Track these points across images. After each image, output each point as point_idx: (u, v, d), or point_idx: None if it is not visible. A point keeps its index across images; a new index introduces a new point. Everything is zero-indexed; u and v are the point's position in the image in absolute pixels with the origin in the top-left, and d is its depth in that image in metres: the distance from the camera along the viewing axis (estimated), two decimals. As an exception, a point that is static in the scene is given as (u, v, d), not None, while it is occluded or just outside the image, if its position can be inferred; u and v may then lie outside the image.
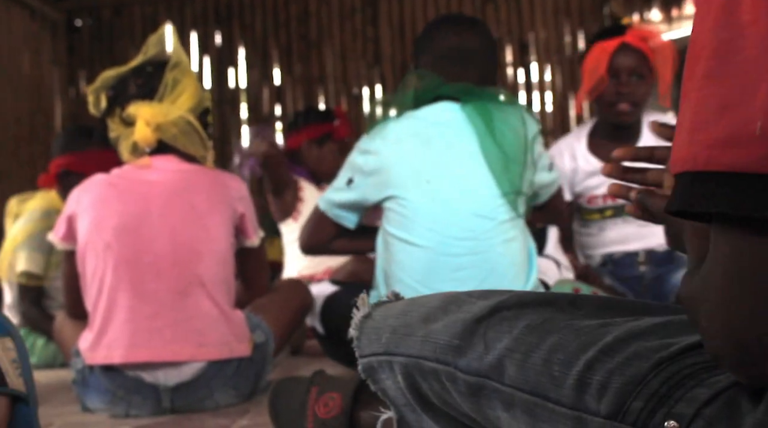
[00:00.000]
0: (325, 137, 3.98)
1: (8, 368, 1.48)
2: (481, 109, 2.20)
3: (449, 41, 2.29)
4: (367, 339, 1.18)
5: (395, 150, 2.22)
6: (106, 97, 2.39)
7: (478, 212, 2.17)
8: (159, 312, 2.21)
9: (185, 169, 2.36)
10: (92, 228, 2.25)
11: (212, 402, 2.24)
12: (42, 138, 6.90)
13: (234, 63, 7.07)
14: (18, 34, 6.72)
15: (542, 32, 6.80)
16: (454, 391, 1.01)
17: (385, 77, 6.94)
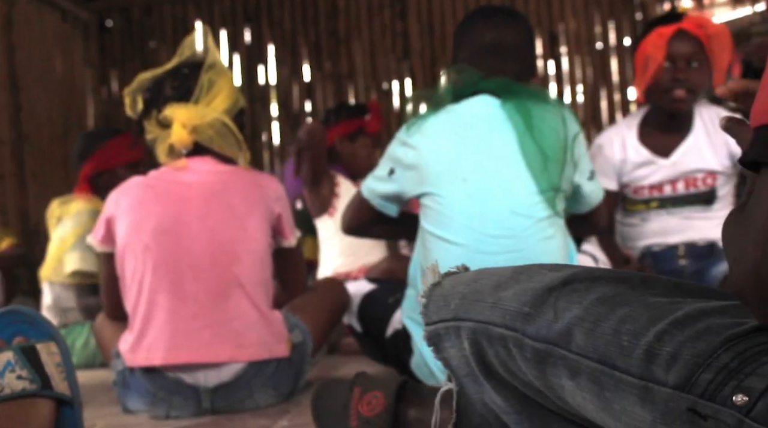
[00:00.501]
0: (357, 132, 3.97)
1: (53, 372, 1.50)
2: (520, 106, 2.19)
3: (488, 34, 2.27)
4: (435, 307, 1.18)
5: (432, 146, 2.21)
6: (143, 98, 2.39)
7: (516, 210, 2.16)
8: (198, 313, 2.22)
9: (222, 170, 2.36)
10: (131, 231, 2.26)
11: (252, 403, 2.25)
12: (75, 138, 6.96)
13: (264, 60, 7.09)
14: (50, 36, 6.78)
15: (572, 23, 6.75)
16: (520, 358, 1.02)
17: (414, 71, 6.93)
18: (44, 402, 1.48)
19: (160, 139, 2.33)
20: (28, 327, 1.55)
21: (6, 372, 1.46)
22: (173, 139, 2.30)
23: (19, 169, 6.13)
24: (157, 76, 2.39)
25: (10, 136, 6.07)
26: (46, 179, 6.48)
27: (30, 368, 1.47)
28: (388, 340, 2.38)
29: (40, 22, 6.64)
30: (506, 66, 2.26)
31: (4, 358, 1.48)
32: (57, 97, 6.77)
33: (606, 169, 3.03)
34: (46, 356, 1.51)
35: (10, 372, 1.46)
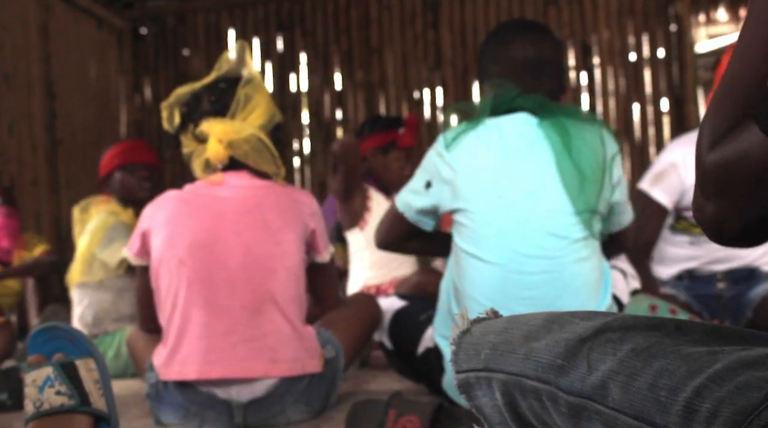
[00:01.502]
0: (390, 145, 3.95)
1: (92, 388, 1.51)
2: (558, 126, 2.17)
3: (526, 51, 2.24)
4: (465, 355, 1.16)
5: (469, 161, 2.19)
6: (180, 112, 2.40)
7: (552, 230, 2.14)
8: (233, 328, 2.21)
9: (257, 185, 2.36)
10: (166, 245, 2.27)
11: (284, 418, 2.24)
12: (107, 144, 7.00)
13: (296, 68, 7.11)
14: (85, 43, 6.84)
15: (605, 34, 6.71)
16: (554, 412, 1.00)
17: (446, 81, 6.92)
18: (82, 418, 1.49)
19: (196, 154, 2.34)
20: (67, 343, 1.56)
21: (45, 388, 1.48)
22: (209, 154, 2.30)
23: (53, 175, 6.19)
24: (194, 90, 2.39)
25: (45, 142, 6.13)
26: (79, 185, 6.53)
27: (69, 384, 1.48)
28: (419, 358, 2.37)
29: (76, 30, 6.71)
30: (542, 83, 2.24)
31: (43, 374, 1.49)
32: (91, 104, 6.83)
33: (671, 189, 2.94)
34: (85, 372, 1.52)
35: (50, 387, 1.48)
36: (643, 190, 3.00)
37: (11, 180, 5.54)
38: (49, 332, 1.58)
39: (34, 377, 1.50)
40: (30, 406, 1.48)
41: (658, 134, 6.58)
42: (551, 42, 2.30)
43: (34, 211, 5.84)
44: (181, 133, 2.39)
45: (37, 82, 6.10)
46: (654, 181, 2.99)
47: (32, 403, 1.48)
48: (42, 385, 1.48)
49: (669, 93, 6.60)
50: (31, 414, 1.48)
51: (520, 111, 2.23)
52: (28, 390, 1.49)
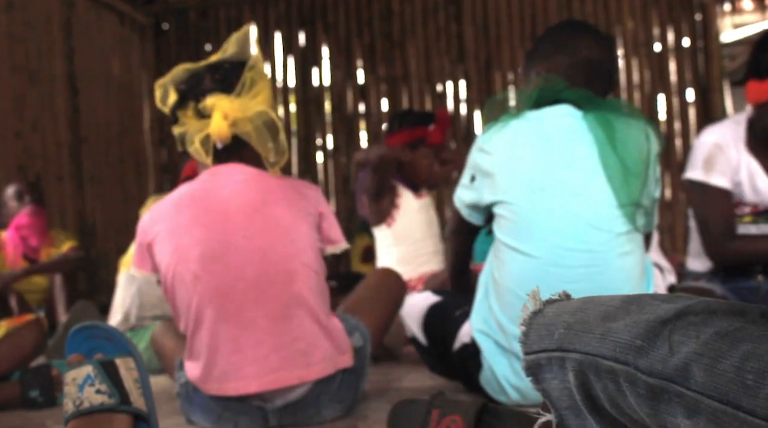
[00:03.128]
0: (419, 142, 3.92)
1: (132, 387, 1.50)
2: (602, 119, 2.14)
3: (591, 52, 2.23)
4: (536, 335, 1.14)
5: (509, 153, 2.16)
6: (178, 90, 2.29)
7: (595, 223, 2.10)
8: (262, 339, 2.12)
9: (258, 179, 2.24)
10: (176, 259, 2.15)
11: (319, 418, 2.21)
12: (130, 140, 7.04)
13: (318, 62, 7.10)
14: (108, 39, 6.85)
15: (630, 24, 6.65)
16: (631, 393, 0.98)
17: (469, 74, 6.89)
18: (122, 417, 1.47)
19: (195, 130, 2.20)
20: (105, 342, 1.54)
21: (85, 386, 1.46)
22: (212, 129, 2.16)
23: (77, 170, 6.21)
24: (195, 69, 2.28)
25: (69, 138, 6.14)
26: (103, 181, 6.55)
27: (109, 382, 1.47)
28: (455, 354, 2.33)
29: (99, 25, 6.72)
30: (592, 85, 2.22)
31: (83, 372, 1.47)
32: (114, 99, 6.84)
33: (726, 169, 2.85)
34: (125, 371, 1.50)
35: (90, 386, 1.46)
36: (698, 179, 2.89)
37: (36, 175, 5.56)
38: (87, 331, 1.56)
39: (74, 375, 1.48)
40: (70, 405, 1.47)
41: (684, 125, 6.53)
42: (609, 46, 2.30)
43: (58, 206, 5.86)
44: (178, 110, 2.25)
45: (60, 78, 6.11)
46: (706, 167, 2.89)
47: (72, 402, 1.46)
48: (82, 384, 1.47)
49: (694, 83, 6.54)
50: (71, 413, 1.46)
51: (565, 104, 2.20)
52: (68, 389, 1.47)
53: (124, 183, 6.90)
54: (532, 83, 2.23)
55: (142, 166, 7.19)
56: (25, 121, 5.69)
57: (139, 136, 7.20)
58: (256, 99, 2.21)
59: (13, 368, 2.73)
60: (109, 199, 6.64)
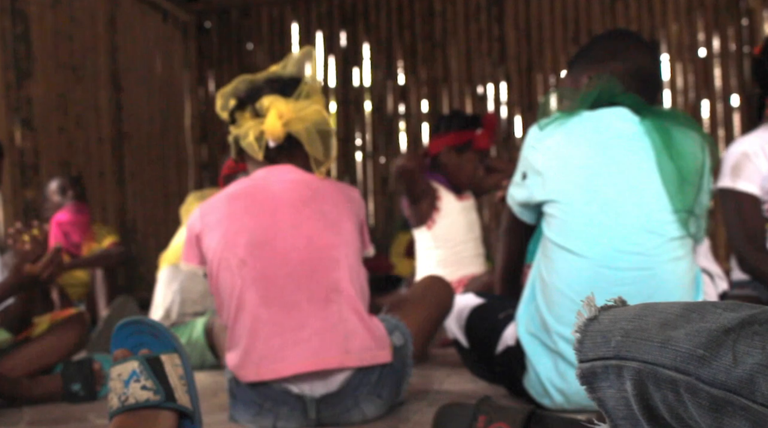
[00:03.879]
0: (465, 146, 3.88)
1: (177, 384, 1.49)
2: (659, 125, 2.13)
3: (643, 61, 2.23)
4: (591, 343, 1.10)
5: (562, 152, 2.14)
6: (237, 99, 2.38)
7: (648, 227, 2.09)
8: (303, 323, 2.18)
9: (308, 179, 2.32)
10: (223, 246, 2.22)
11: (358, 413, 2.21)
12: (171, 137, 7.09)
13: (359, 63, 7.10)
14: (151, 37, 6.91)
15: (674, 28, 6.58)
16: (693, 404, 0.95)
17: (510, 76, 6.85)
18: (167, 414, 1.47)
19: (250, 128, 2.28)
20: (151, 338, 1.54)
21: (131, 382, 1.46)
22: (266, 127, 2.25)
23: (118, 167, 6.26)
24: (255, 80, 2.38)
25: (111, 134, 6.19)
26: (144, 177, 6.60)
27: (155, 379, 1.46)
28: (498, 357, 2.31)
29: (142, 23, 6.77)
30: (645, 92, 2.22)
31: (129, 368, 1.47)
32: (156, 96, 6.89)
33: (754, 177, 2.86)
34: (171, 367, 1.50)
35: (135, 382, 1.46)
36: (726, 186, 2.90)
37: (79, 171, 5.61)
38: (133, 326, 1.56)
39: (120, 371, 1.48)
40: (115, 400, 1.46)
41: (728, 131, 6.44)
42: (657, 55, 2.31)
43: (100, 201, 5.91)
44: (236, 112, 2.34)
45: (104, 74, 6.17)
46: (733, 174, 2.91)
47: (117, 397, 1.46)
48: (127, 379, 1.46)
49: (739, 89, 6.45)
50: (116, 408, 1.46)
51: (621, 107, 2.18)
52: (113, 384, 1.47)
53: (165, 180, 6.95)
54: (589, 84, 2.20)
55: (183, 163, 7.24)
56: (69, 117, 5.75)
57: (180, 133, 7.25)
58: (311, 107, 2.29)
59: (55, 361, 2.75)
60: (150, 195, 6.69)
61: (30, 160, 5.31)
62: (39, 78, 5.43)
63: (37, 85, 5.41)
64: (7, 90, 5.16)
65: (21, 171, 5.23)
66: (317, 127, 2.30)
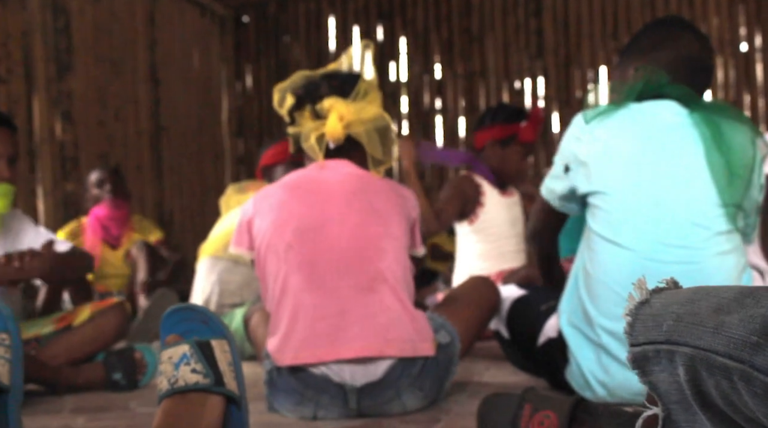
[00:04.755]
0: (510, 139, 3.85)
1: (226, 369, 1.49)
2: (708, 118, 2.09)
3: (692, 49, 2.18)
4: (642, 327, 1.08)
5: (608, 143, 2.11)
6: (294, 95, 2.41)
7: (695, 220, 2.05)
8: (345, 309, 2.19)
9: (361, 174, 2.36)
10: (273, 231, 2.27)
11: (399, 404, 2.20)
12: (209, 131, 7.12)
13: (395, 57, 7.09)
14: (189, 31, 6.94)
15: (715, 22, 6.49)
16: (747, 392, 0.92)
17: (548, 71, 6.80)
18: (215, 398, 1.47)
19: (310, 130, 2.34)
20: (200, 324, 1.54)
21: (181, 365, 1.46)
22: (327, 130, 2.31)
23: (156, 160, 6.30)
24: (312, 76, 2.41)
25: (149, 128, 6.24)
26: (182, 171, 6.64)
27: (204, 363, 1.47)
28: (540, 349, 2.30)
29: (180, 18, 6.81)
30: (695, 81, 2.17)
31: (180, 351, 1.48)
32: (194, 91, 6.93)
33: None
34: (220, 353, 1.50)
35: (186, 365, 1.46)
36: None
37: (117, 164, 5.65)
38: (182, 313, 1.56)
39: (171, 354, 1.49)
40: (165, 383, 1.47)
41: (770, 127, 6.36)
42: (708, 44, 2.26)
43: (138, 195, 5.95)
44: (296, 111, 2.39)
45: (142, 68, 6.21)
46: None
47: (167, 380, 1.47)
48: (178, 362, 1.47)
49: (782, 85, 6.36)
50: (165, 391, 1.47)
51: (669, 100, 2.15)
52: (164, 367, 1.48)
53: (202, 173, 6.98)
54: (635, 76, 2.17)
55: (220, 156, 7.28)
56: (108, 110, 5.80)
57: (217, 127, 7.29)
58: (370, 106, 2.34)
59: (95, 350, 2.77)
60: (187, 189, 6.73)
61: (70, 152, 5.36)
62: (79, 72, 5.48)
63: (77, 78, 5.47)
64: (47, 83, 5.22)
65: (61, 163, 5.28)
66: (377, 128, 2.35)
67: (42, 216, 5.09)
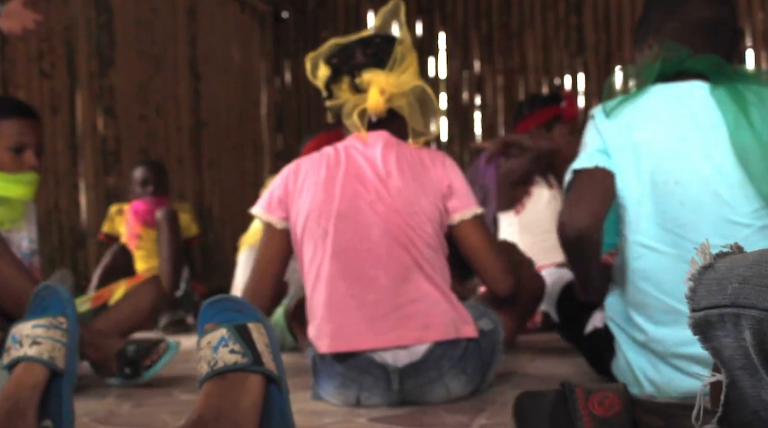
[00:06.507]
0: (554, 120, 3.84)
1: (264, 350, 1.51)
2: (734, 93, 1.89)
3: (703, 11, 1.99)
4: (705, 291, 1.05)
5: (628, 137, 1.95)
6: (329, 64, 2.37)
7: (732, 218, 1.88)
8: (381, 298, 2.18)
9: (398, 149, 2.29)
10: (307, 213, 2.25)
11: (442, 386, 2.18)
12: (248, 126, 7.16)
13: (434, 52, 7.07)
14: (230, 27, 6.98)
15: (759, 16, 6.40)
16: None
17: (588, 67, 6.75)
18: (255, 378, 1.48)
19: (351, 103, 2.30)
20: (237, 314, 1.57)
21: (220, 348, 1.49)
22: (369, 105, 2.26)
23: (196, 154, 6.34)
24: (346, 43, 2.36)
25: (190, 123, 6.28)
26: (221, 166, 6.68)
27: (243, 343, 1.49)
28: (586, 337, 2.26)
29: (221, 13, 6.85)
30: (714, 45, 1.98)
31: (218, 335, 1.50)
32: (233, 86, 6.97)
33: None
34: (257, 335, 1.52)
35: (224, 347, 1.48)
36: None
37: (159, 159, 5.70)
38: (220, 304, 1.59)
39: (209, 339, 1.51)
40: (205, 367, 1.49)
41: (815, 124, 6.25)
42: (729, 6, 2.07)
43: (178, 189, 5.99)
44: (333, 84, 2.34)
45: (183, 63, 6.25)
46: None
47: (207, 363, 1.49)
48: (216, 345, 1.49)
49: None
50: (206, 374, 1.48)
51: (689, 76, 1.98)
52: (203, 353, 1.50)
53: (241, 168, 7.02)
54: (651, 54, 2.00)
55: (259, 151, 7.31)
56: (150, 105, 5.84)
57: (257, 122, 7.32)
58: (407, 72, 2.28)
59: (132, 327, 2.77)
60: (227, 183, 6.77)
61: (111, 147, 5.41)
62: (121, 67, 5.53)
63: (120, 73, 5.52)
64: (90, 78, 5.27)
65: (103, 158, 5.33)
66: (419, 99, 2.31)
67: (84, 210, 5.15)
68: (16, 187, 2.64)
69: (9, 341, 1.69)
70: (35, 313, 1.72)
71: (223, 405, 1.44)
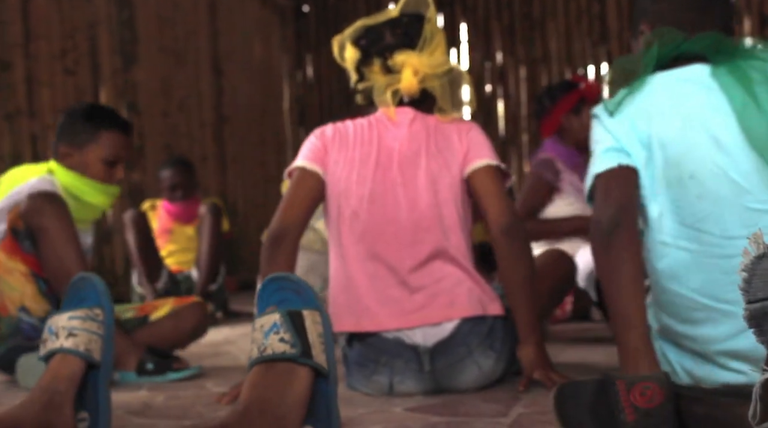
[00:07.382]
0: (580, 103, 3.82)
1: (315, 341, 1.48)
2: (736, 71, 1.80)
3: None
4: (760, 282, 1.02)
5: (634, 133, 1.85)
6: (358, 46, 2.35)
7: (753, 205, 1.77)
8: (406, 279, 2.20)
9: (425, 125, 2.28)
10: (341, 192, 2.26)
11: (473, 363, 2.15)
12: (270, 121, 7.15)
13: (456, 44, 7.04)
14: (251, 21, 6.98)
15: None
16: None
17: (611, 55, 6.70)
18: (302, 370, 1.46)
19: (383, 84, 2.29)
20: (293, 294, 1.54)
21: (271, 334, 1.47)
22: (402, 85, 2.26)
23: (220, 150, 6.35)
24: (373, 24, 2.33)
25: (212, 118, 6.28)
26: (244, 161, 6.68)
27: (293, 332, 1.46)
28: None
29: (242, 8, 6.84)
30: (710, 20, 1.89)
31: (271, 320, 1.48)
32: (255, 81, 6.97)
33: None
34: (311, 324, 1.49)
35: (275, 333, 1.47)
36: None
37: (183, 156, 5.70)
38: (277, 282, 1.57)
39: (262, 322, 1.49)
40: (255, 350, 1.48)
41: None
42: None
43: (202, 186, 6.00)
44: (363, 66, 2.32)
45: (205, 59, 6.26)
46: None
47: (257, 347, 1.48)
48: (268, 331, 1.47)
49: None
50: (254, 359, 1.47)
51: (687, 60, 1.87)
52: (255, 335, 1.49)
53: (264, 163, 7.02)
54: (646, 41, 1.90)
55: (281, 146, 7.31)
56: (172, 101, 5.85)
57: (279, 117, 7.32)
58: (437, 52, 2.27)
59: (170, 347, 2.76)
60: (250, 179, 6.77)
61: (135, 142, 5.41)
62: (144, 63, 5.54)
63: (142, 69, 5.52)
64: (113, 74, 5.28)
65: (127, 154, 5.33)
66: (451, 80, 2.31)
67: (108, 206, 5.15)
68: (101, 197, 2.76)
69: (45, 333, 1.70)
70: (71, 305, 1.72)
71: (269, 396, 1.43)
